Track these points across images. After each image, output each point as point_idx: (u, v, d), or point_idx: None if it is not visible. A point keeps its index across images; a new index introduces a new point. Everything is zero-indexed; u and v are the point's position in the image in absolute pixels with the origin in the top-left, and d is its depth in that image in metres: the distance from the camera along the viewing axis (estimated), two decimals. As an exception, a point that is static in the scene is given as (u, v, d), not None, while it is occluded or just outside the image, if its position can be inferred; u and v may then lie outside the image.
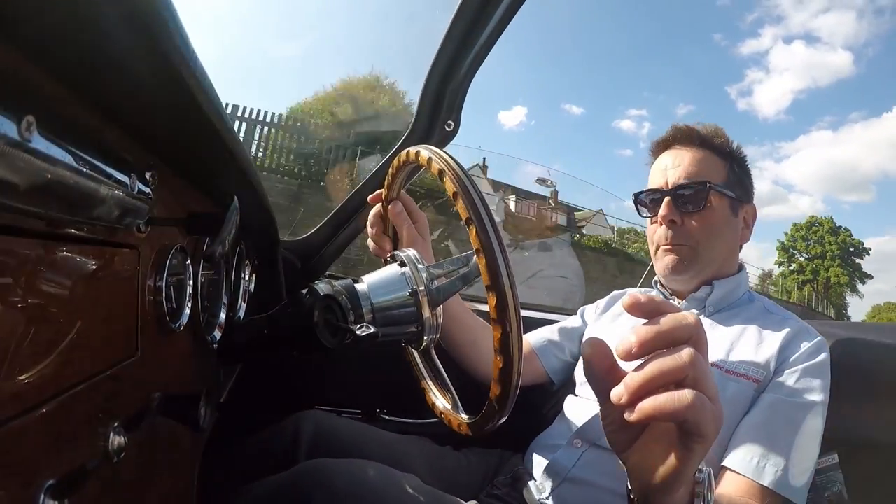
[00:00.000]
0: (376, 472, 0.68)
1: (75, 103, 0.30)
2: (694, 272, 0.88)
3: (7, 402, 0.24)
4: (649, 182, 0.93)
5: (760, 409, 0.73)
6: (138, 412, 0.40)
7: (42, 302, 0.27)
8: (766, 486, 0.66)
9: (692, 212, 0.86)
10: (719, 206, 0.86)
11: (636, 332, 0.36)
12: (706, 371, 0.35)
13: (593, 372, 0.39)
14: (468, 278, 0.60)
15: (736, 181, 0.89)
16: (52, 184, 0.24)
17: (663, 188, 0.89)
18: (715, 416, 0.35)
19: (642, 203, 0.94)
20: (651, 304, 0.36)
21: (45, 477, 0.26)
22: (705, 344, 0.37)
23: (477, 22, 0.85)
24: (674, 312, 0.36)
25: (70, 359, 0.29)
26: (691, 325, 0.36)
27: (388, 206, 0.82)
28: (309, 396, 1.14)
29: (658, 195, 0.89)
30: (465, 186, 0.52)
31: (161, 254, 0.44)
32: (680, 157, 0.89)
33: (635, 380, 0.35)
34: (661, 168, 0.91)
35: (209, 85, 0.34)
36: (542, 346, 1.04)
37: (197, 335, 0.57)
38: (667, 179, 0.89)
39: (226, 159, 0.47)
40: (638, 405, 0.35)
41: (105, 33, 0.25)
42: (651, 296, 0.37)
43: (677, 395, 0.34)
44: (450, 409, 0.66)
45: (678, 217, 0.87)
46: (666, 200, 0.87)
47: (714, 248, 0.87)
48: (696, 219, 0.86)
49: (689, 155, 0.89)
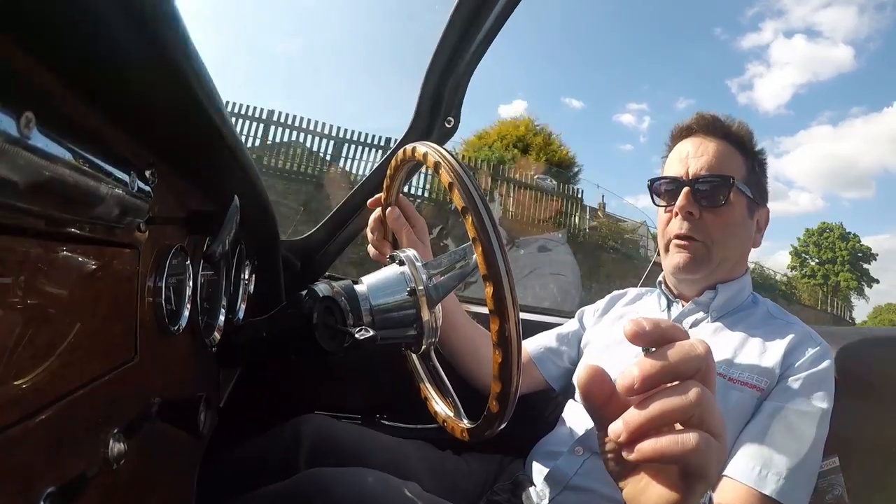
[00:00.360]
0: (376, 480, 0.67)
1: (75, 100, 0.29)
2: (704, 273, 0.84)
3: (6, 408, 0.23)
4: (666, 169, 0.88)
5: (763, 417, 0.72)
6: (138, 418, 0.39)
7: (41, 303, 0.26)
8: (768, 494, 0.66)
9: (711, 207, 0.82)
10: (738, 204, 0.83)
11: (640, 366, 0.32)
12: (713, 408, 0.33)
13: (590, 402, 0.36)
14: (465, 273, 0.59)
15: (755, 181, 0.86)
16: (51, 181, 0.23)
17: (683, 178, 0.83)
18: (719, 456, 0.33)
19: (657, 191, 0.88)
20: (657, 332, 0.33)
21: (46, 484, 0.26)
22: (713, 374, 0.34)
23: (476, 17, 0.85)
24: (682, 339, 0.33)
25: (69, 362, 0.28)
26: (700, 356, 0.33)
27: (386, 210, 0.81)
28: (308, 401, 1.14)
29: (676, 184, 0.84)
30: (460, 177, 0.52)
31: (161, 254, 0.43)
32: (703, 146, 0.84)
33: (636, 419, 0.32)
34: (681, 156, 0.85)
35: (210, 83, 0.33)
36: (539, 355, 1.02)
37: (196, 338, 0.56)
38: (687, 168, 0.83)
39: (226, 158, 0.46)
40: (638, 446, 0.32)
41: (105, 29, 0.25)
42: (656, 321, 0.33)
43: (681, 439, 0.31)
44: (450, 415, 0.66)
45: (696, 210, 0.82)
46: (685, 191, 0.82)
47: (728, 248, 0.83)
48: (714, 214, 0.82)
49: (713, 146, 0.84)
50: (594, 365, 0.36)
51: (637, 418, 0.32)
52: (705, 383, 0.33)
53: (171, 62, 0.28)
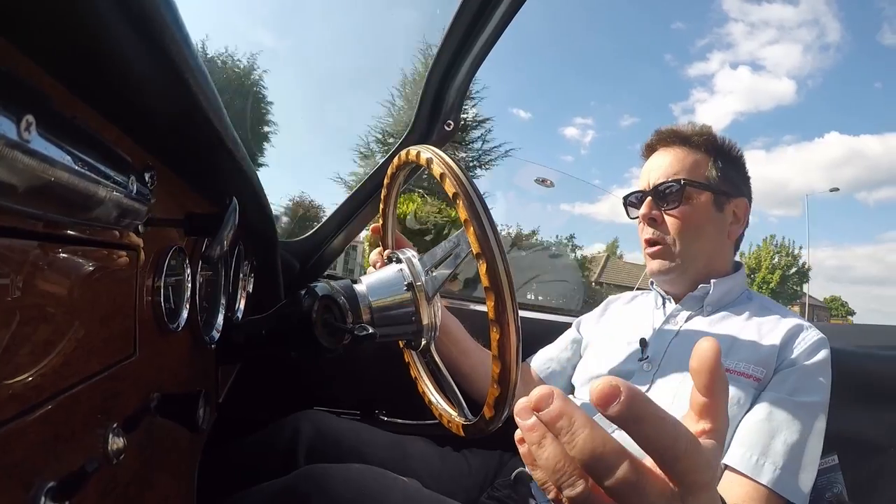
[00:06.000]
0: (375, 477, 0.68)
1: (74, 103, 0.30)
2: (677, 272, 0.89)
3: (6, 403, 0.23)
4: (637, 185, 0.96)
5: (761, 407, 0.73)
6: (137, 413, 0.39)
7: (40, 302, 0.26)
8: (765, 484, 0.66)
9: (670, 208, 0.88)
10: (699, 201, 0.87)
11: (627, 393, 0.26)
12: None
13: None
14: (458, 257, 0.60)
15: (721, 176, 0.89)
16: (51, 184, 0.24)
17: (645, 189, 0.92)
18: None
19: (630, 204, 0.97)
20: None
21: (45, 479, 0.26)
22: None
23: (478, 21, 0.85)
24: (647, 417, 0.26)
25: (68, 359, 0.29)
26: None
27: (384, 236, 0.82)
28: (308, 397, 1.14)
29: (641, 195, 0.93)
30: (466, 188, 0.53)
31: (160, 254, 0.44)
32: (662, 157, 0.92)
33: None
34: (645, 171, 0.94)
35: (209, 85, 0.33)
36: (547, 374, 1.03)
37: (195, 335, 0.56)
38: (648, 180, 0.91)
39: (224, 160, 0.47)
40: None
41: (105, 32, 0.25)
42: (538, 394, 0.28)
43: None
44: (448, 411, 0.66)
45: (658, 214, 0.89)
46: (647, 200, 0.90)
47: (693, 243, 0.88)
48: (673, 215, 0.88)
49: (671, 155, 0.91)
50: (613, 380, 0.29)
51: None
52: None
53: (171, 65, 0.28)
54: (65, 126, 0.25)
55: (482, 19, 0.85)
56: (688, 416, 0.30)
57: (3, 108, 0.20)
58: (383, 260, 0.76)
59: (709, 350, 0.28)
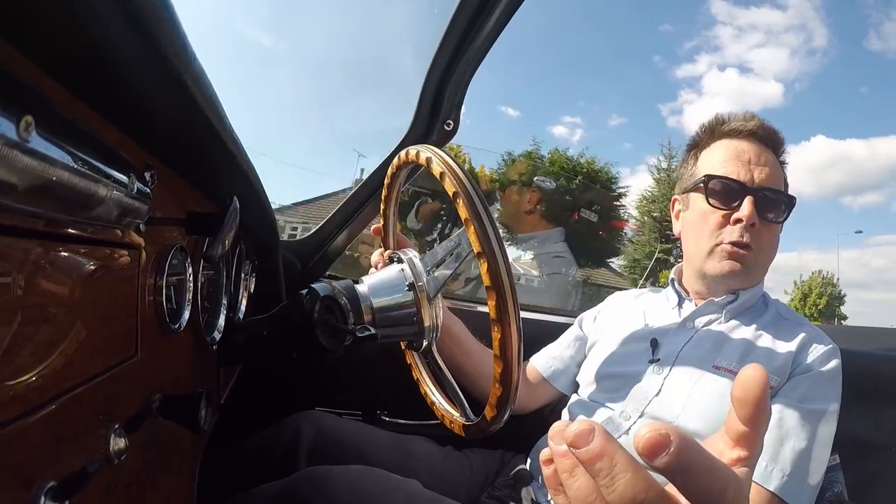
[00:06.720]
0: (376, 479, 0.68)
1: (74, 103, 0.30)
2: (746, 281, 0.84)
3: (7, 403, 0.23)
4: (719, 165, 0.83)
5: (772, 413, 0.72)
6: (138, 414, 0.39)
7: (41, 303, 0.26)
8: (772, 491, 0.66)
9: (771, 221, 0.81)
10: (782, 224, 0.84)
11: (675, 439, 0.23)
12: None
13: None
14: (460, 256, 0.60)
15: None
16: (51, 184, 0.24)
17: (748, 184, 0.79)
18: None
19: (713, 190, 0.81)
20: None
21: (46, 479, 0.26)
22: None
23: (476, 20, 0.85)
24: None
25: (70, 360, 0.29)
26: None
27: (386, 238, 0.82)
28: (309, 397, 1.14)
29: (740, 189, 0.80)
30: (466, 188, 0.53)
31: (161, 254, 0.44)
32: (764, 156, 0.82)
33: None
34: (741, 157, 0.81)
35: (208, 85, 0.33)
36: (550, 372, 1.03)
37: (197, 336, 0.56)
38: (752, 175, 0.80)
39: (226, 159, 0.46)
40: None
41: (104, 32, 0.25)
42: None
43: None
44: (450, 412, 0.66)
45: (758, 221, 0.79)
46: (750, 199, 0.78)
47: (769, 261, 0.85)
48: (769, 229, 0.81)
49: (772, 158, 0.82)
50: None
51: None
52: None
53: (170, 65, 0.28)
54: (64, 127, 0.25)
55: (481, 18, 0.85)
56: (720, 440, 0.27)
57: (3, 109, 0.20)
58: (385, 260, 0.76)
59: (756, 379, 0.25)
